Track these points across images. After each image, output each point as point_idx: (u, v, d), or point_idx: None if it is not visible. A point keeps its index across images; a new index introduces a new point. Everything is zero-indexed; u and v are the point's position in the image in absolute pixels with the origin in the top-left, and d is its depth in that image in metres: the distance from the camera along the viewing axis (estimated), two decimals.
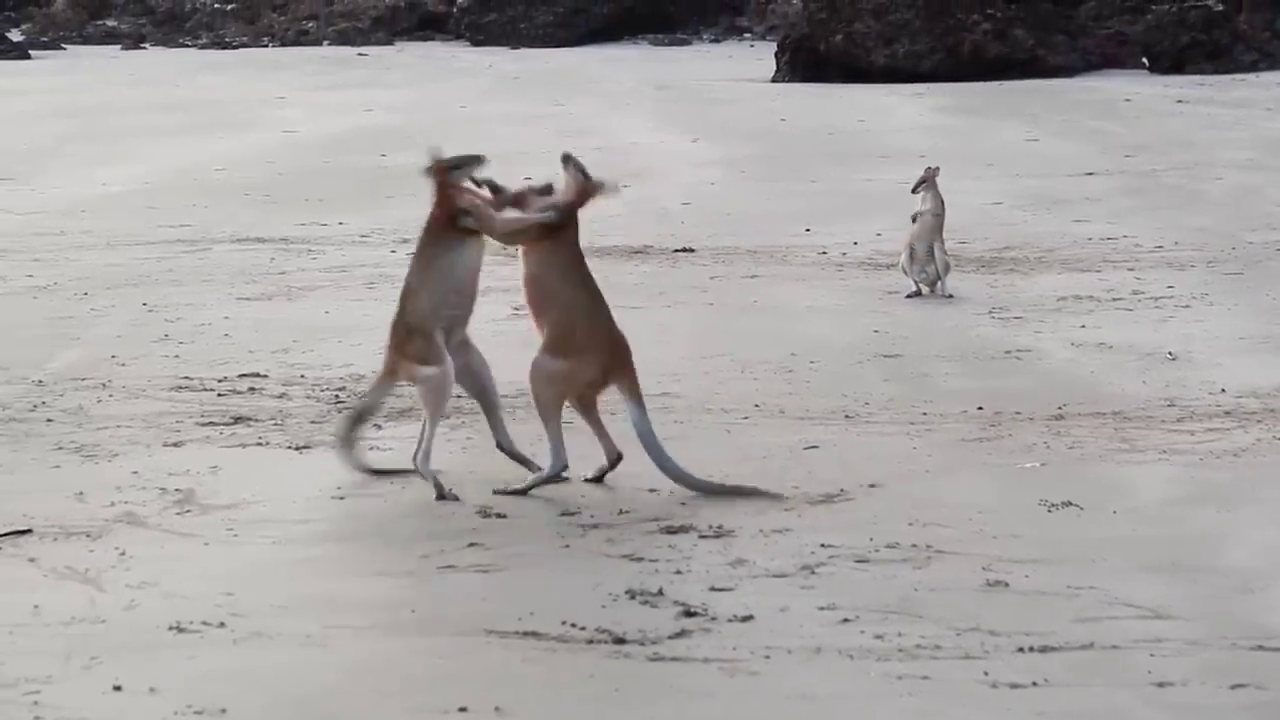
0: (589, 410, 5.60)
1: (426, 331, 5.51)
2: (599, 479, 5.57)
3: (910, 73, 24.35)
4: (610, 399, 5.66)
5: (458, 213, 5.62)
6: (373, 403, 5.70)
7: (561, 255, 5.62)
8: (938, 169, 9.19)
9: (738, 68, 27.64)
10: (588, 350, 5.54)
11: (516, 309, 8.56)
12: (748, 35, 34.99)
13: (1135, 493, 5.44)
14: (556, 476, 5.50)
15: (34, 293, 9.10)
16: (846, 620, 4.32)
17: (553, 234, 5.62)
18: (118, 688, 3.87)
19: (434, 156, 5.69)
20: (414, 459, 5.52)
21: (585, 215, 5.75)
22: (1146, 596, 4.49)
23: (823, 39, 24.94)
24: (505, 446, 5.65)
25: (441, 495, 5.40)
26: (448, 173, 5.69)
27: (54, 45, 35.24)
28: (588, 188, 5.73)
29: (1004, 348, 7.66)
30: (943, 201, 8.99)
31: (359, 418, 5.68)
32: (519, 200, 5.69)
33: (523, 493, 5.46)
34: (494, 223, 5.61)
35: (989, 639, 4.19)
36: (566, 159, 5.76)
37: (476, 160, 5.73)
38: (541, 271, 5.60)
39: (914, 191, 9.07)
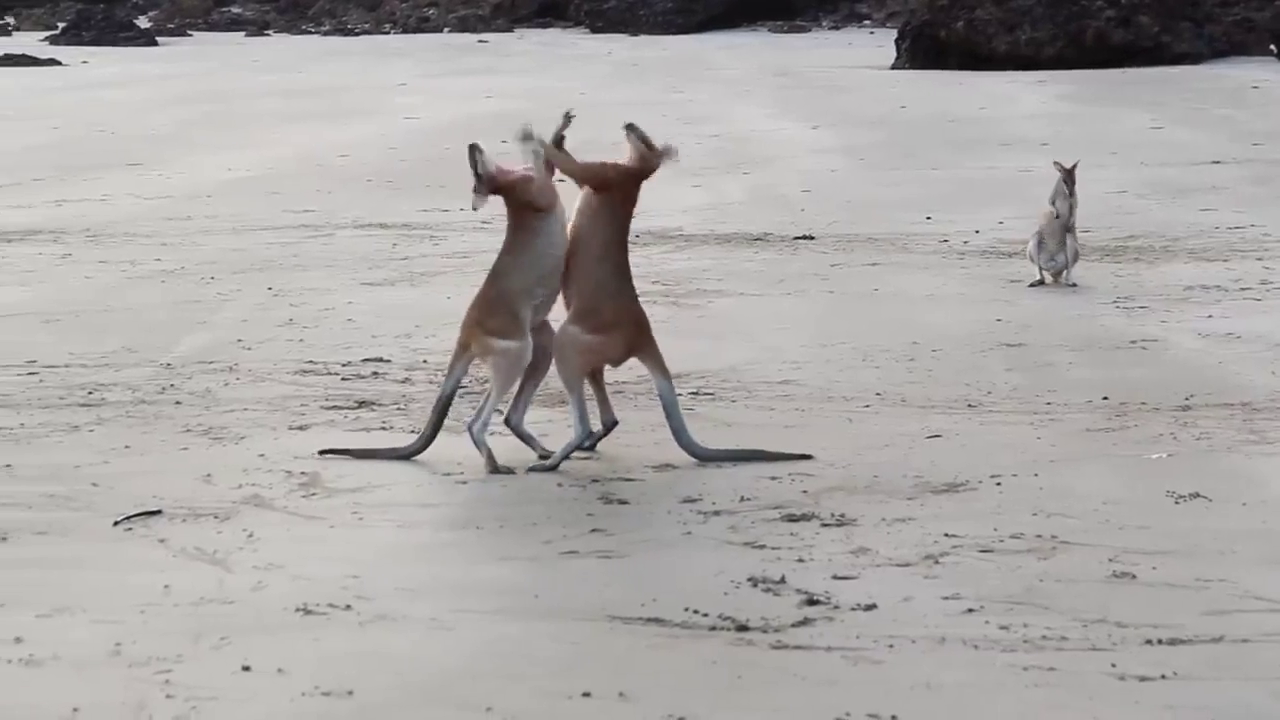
0: (598, 378, 5.70)
1: (514, 310, 5.59)
2: (592, 447, 5.65)
3: (1032, 60, 24.16)
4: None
5: (519, 190, 5.64)
6: (452, 389, 5.72)
7: (615, 227, 5.67)
8: (1073, 165, 9.01)
9: (857, 55, 27.53)
10: (615, 327, 5.62)
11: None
12: (867, 22, 34.83)
13: (1265, 484, 5.38)
14: (581, 444, 5.59)
15: (161, 277, 9.21)
16: (971, 610, 4.29)
17: (612, 195, 5.67)
18: (246, 668, 3.91)
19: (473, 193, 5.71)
20: (469, 427, 5.60)
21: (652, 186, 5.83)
22: (1277, 590, 4.43)
23: (944, 26, 24.79)
24: (514, 424, 5.70)
25: (495, 469, 5.48)
26: (481, 174, 5.68)
27: (180, 32, 35.66)
28: (650, 157, 5.76)
29: (1129, 337, 7.59)
30: (1071, 205, 8.86)
31: (443, 409, 5.69)
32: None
33: (554, 466, 5.52)
34: (572, 163, 5.69)
35: (1116, 631, 4.15)
36: (630, 128, 5.77)
37: (473, 149, 5.72)
38: (590, 239, 5.63)
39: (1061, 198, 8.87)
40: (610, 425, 5.74)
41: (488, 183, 5.68)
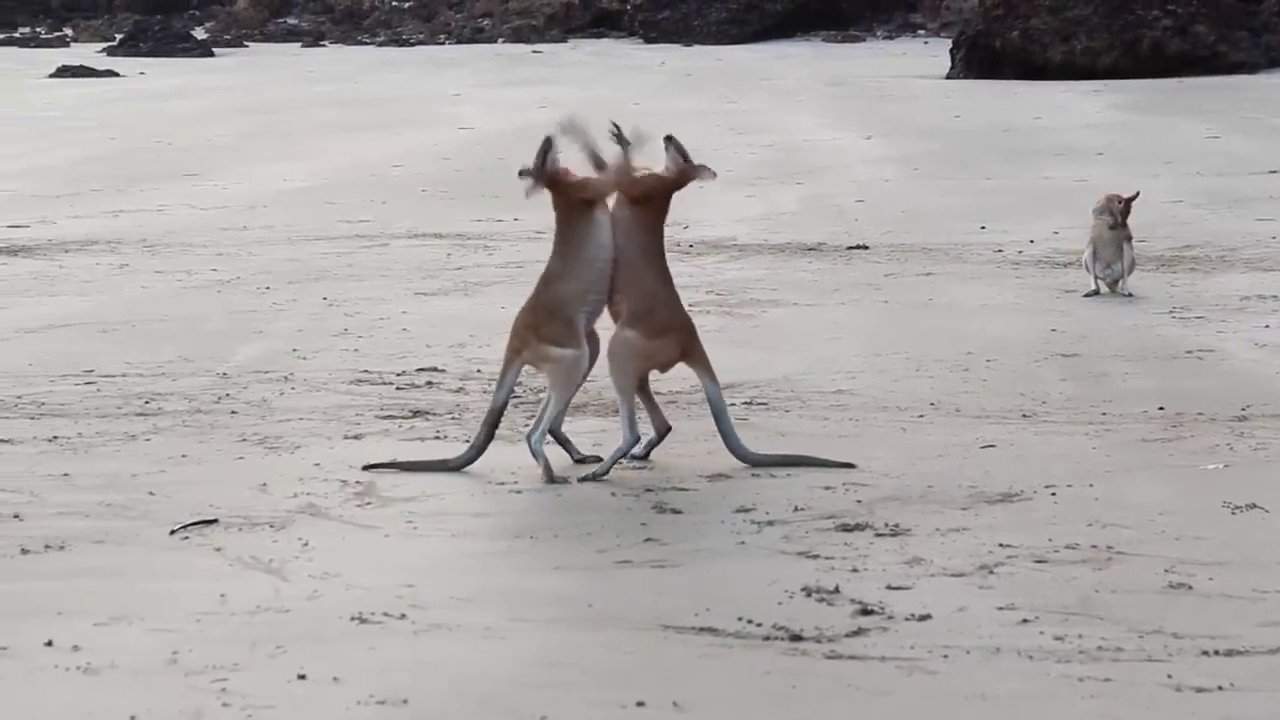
0: (645, 386, 5.72)
1: (568, 316, 5.59)
2: (646, 455, 5.69)
3: (1088, 69, 24.07)
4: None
5: (577, 189, 5.65)
6: (504, 399, 5.72)
7: (651, 234, 5.71)
8: (1132, 197, 8.91)
9: (911, 64, 27.47)
10: (669, 331, 5.67)
11: (690, 305, 8.58)
12: (921, 32, 34.75)
13: None
14: (629, 450, 5.61)
15: (217, 287, 9.27)
16: (1026, 621, 4.28)
17: (648, 205, 5.70)
18: (302, 676, 3.93)
19: (524, 169, 5.72)
20: (528, 438, 5.62)
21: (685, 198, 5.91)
22: None
23: (998, 35, 24.72)
24: (555, 430, 5.68)
25: (551, 478, 5.49)
26: (545, 166, 5.68)
27: (236, 43, 35.85)
28: (688, 170, 5.81)
29: (1185, 348, 7.55)
30: (1109, 226, 8.78)
31: (495, 420, 5.69)
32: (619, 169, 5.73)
33: (605, 472, 5.55)
34: (612, 176, 5.68)
35: (1172, 642, 4.13)
36: (669, 140, 5.82)
37: (548, 142, 5.70)
38: (629, 247, 5.66)
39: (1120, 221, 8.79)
40: (664, 431, 5.75)
41: (547, 176, 5.67)
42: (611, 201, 5.74)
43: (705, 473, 5.62)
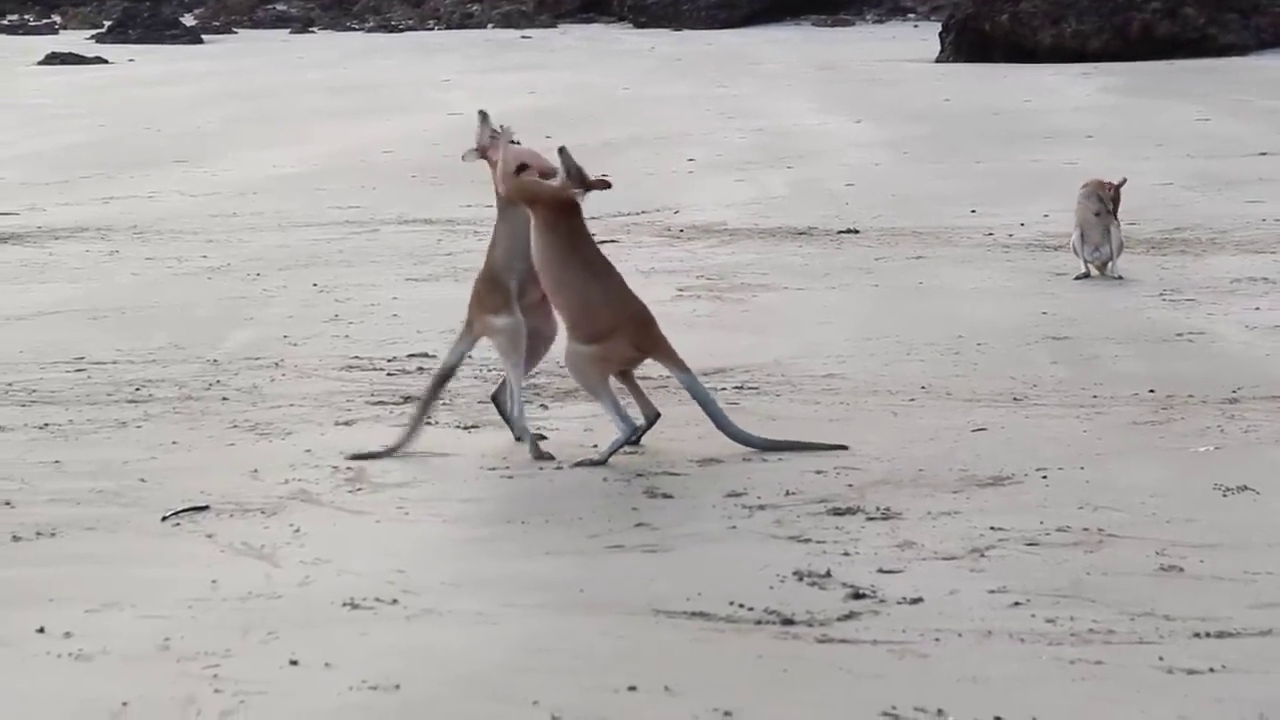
0: (628, 375, 5.71)
1: (502, 283, 5.72)
2: (636, 440, 5.65)
3: (1077, 52, 24.08)
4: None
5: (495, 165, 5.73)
6: (454, 361, 5.85)
7: (559, 242, 5.59)
8: (1120, 183, 8.92)
9: (901, 48, 27.47)
10: (615, 331, 5.60)
11: (681, 290, 8.59)
12: (911, 15, 34.74)
13: None
14: (628, 439, 5.61)
15: (208, 274, 9.26)
16: (1017, 604, 4.28)
17: (546, 214, 5.59)
18: (294, 662, 3.93)
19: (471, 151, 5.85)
20: (509, 420, 5.72)
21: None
22: None
23: (988, 19, 24.72)
24: (500, 400, 5.84)
25: (539, 455, 5.57)
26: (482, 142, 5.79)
27: (225, 30, 35.79)
28: (567, 185, 5.60)
29: (1176, 330, 7.56)
30: (1095, 213, 8.78)
31: (443, 379, 5.82)
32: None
33: (603, 461, 5.55)
34: (509, 176, 5.67)
35: (1164, 624, 4.13)
36: (561, 152, 5.60)
37: (483, 114, 5.83)
38: (542, 257, 5.60)
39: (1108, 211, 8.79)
40: (652, 419, 5.75)
41: (481, 148, 5.79)
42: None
43: (696, 457, 5.62)
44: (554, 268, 5.59)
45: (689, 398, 5.78)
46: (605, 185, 5.66)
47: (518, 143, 5.82)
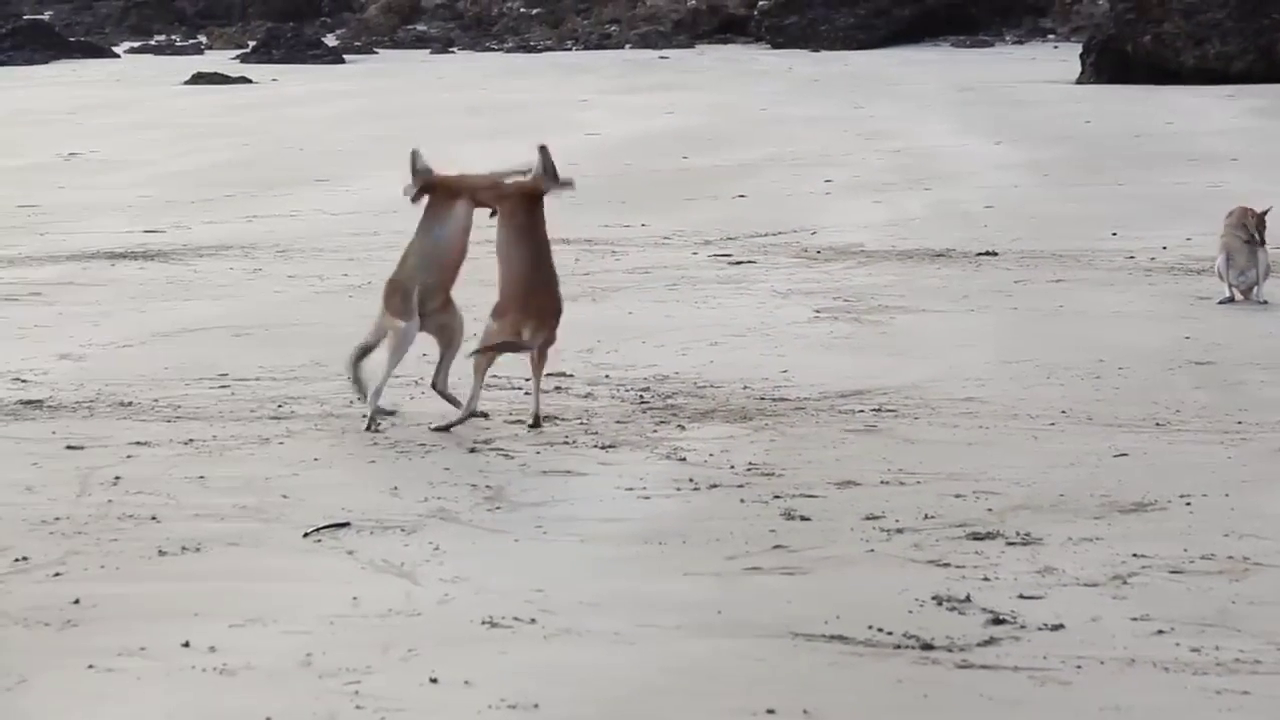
0: (537, 366, 6.37)
1: (406, 290, 6.40)
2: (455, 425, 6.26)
3: (1221, 74, 23.77)
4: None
5: (452, 182, 6.61)
6: (372, 341, 6.46)
7: (518, 233, 6.40)
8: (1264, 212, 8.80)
9: (1041, 69, 27.26)
10: (509, 311, 6.32)
11: (818, 312, 8.57)
12: (1051, 36, 34.47)
13: None
14: (465, 417, 6.28)
15: (349, 291, 9.34)
16: (1161, 632, 4.23)
17: (515, 206, 6.43)
18: (434, 680, 3.96)
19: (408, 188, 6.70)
20: (368, 397, 6.34)
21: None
22: None
23: (1130, 40, 24.46)
24: (439, 387, 6.46)
25: (370, 427, 6.23)
26: (417, 173, 6.69)
27: (367, 50, 36.16)
28: (542, 179, 6.47)
29: None
30: (1240, 238, 8.67)
31: (362, 354, 6.45)
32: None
33: (460, 422, 6.25)
34: (472, 180, 6.60)
35: None
36: (541, 150, 6.52)
37: (414, 153, 6.79)
38: (501, 242, 6.42)
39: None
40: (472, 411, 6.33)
41: (423, 180, 6.63)
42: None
43: (834, 480, 5.60)
44: (504, 249, 6.39)
45: (828, 420, 5.74)
46: (570, 185, 6.51)
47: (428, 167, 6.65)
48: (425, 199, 6.63)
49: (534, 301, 6.34)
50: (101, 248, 10.92)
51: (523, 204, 6.45)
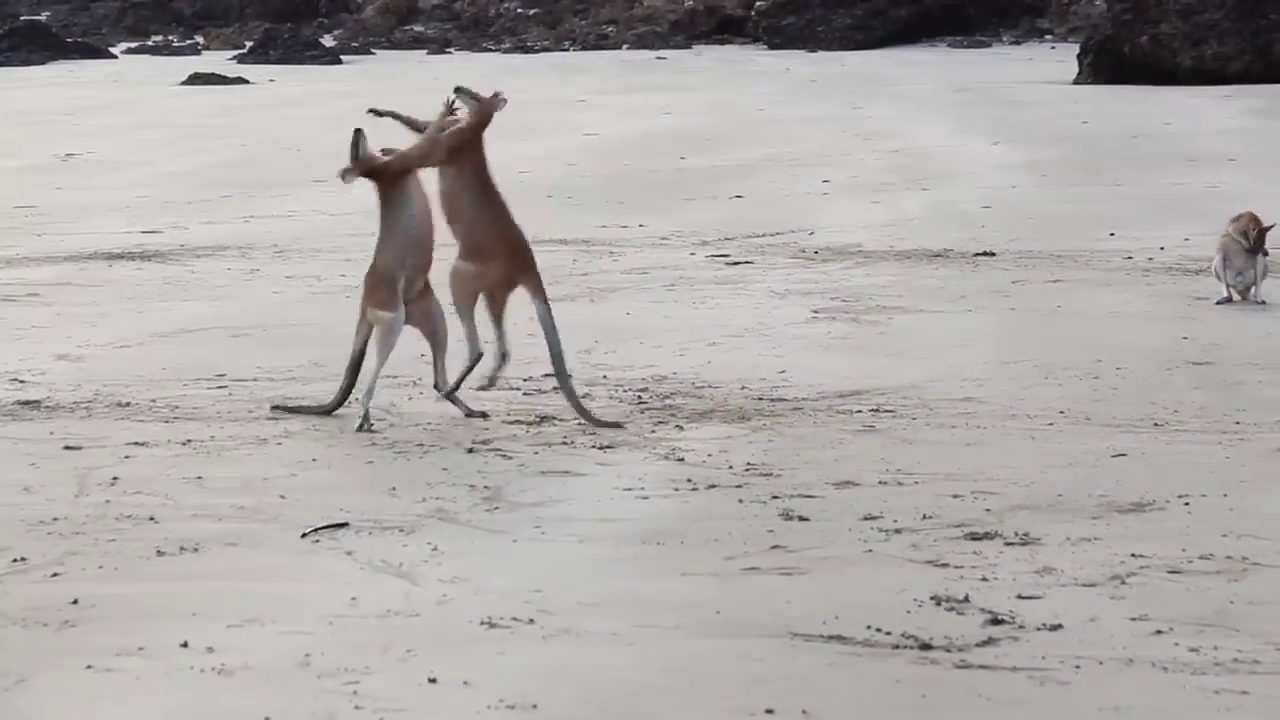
0: (498, 309, 6.46)
1: (392, 280, 6.36)
2: (492, 383, 6.45)
3: (1218, 75, 23.78)
4: None
5: (395, 164, 6.44)
6: (359, 347, 6.46)
7: (467, 174, 6.40)
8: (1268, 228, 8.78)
9: (1038, 70, 27.27)
10: (494, 256, 6.40)
11: (816, 312, 8.57)
12: (1049, 37, 34.49)
13: None
14: (472, 365, 6.40)
15: (346, 292, 9.33)
16: (1160, 632, 4.23)
17: (460, 155, 6.40)
18: (433, 680, 3.96)
19: (343, 169, 6.57)
20: (361, 397, 6.33)
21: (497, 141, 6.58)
22: None
23: (1127, 40, 24.48)
24: (440, 387, 6.48)
25: (362, 428, 6.20)
26: (358, 160, 6.52)
27: (364, 50, 36.17)
28: (483, 108, 6.48)
29: None
30: (1245, 248, 8.66)
31: (354, 369, 6.46)
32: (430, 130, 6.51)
33: (453, 391, 6.41)
34: (413, 152, 6.44)
35: None
36: (458, 90, 6.54)
37: (358, 133, 6.55)
38: (449, 188, 6.41)
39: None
40: (502, 356, 6.43)
41: (363, 164, 6.47)
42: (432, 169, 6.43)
43: (832, 480, 5.60)
44: (452, 199, 6.38)
45: (826, 421, 5.75)
46: (502, 100, 6.52)
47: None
48: (366, 183, 6.54)
49: (517, 244, 6.48)
50: (99, 248, 10.92)
51: (472, 146, 6.46)
